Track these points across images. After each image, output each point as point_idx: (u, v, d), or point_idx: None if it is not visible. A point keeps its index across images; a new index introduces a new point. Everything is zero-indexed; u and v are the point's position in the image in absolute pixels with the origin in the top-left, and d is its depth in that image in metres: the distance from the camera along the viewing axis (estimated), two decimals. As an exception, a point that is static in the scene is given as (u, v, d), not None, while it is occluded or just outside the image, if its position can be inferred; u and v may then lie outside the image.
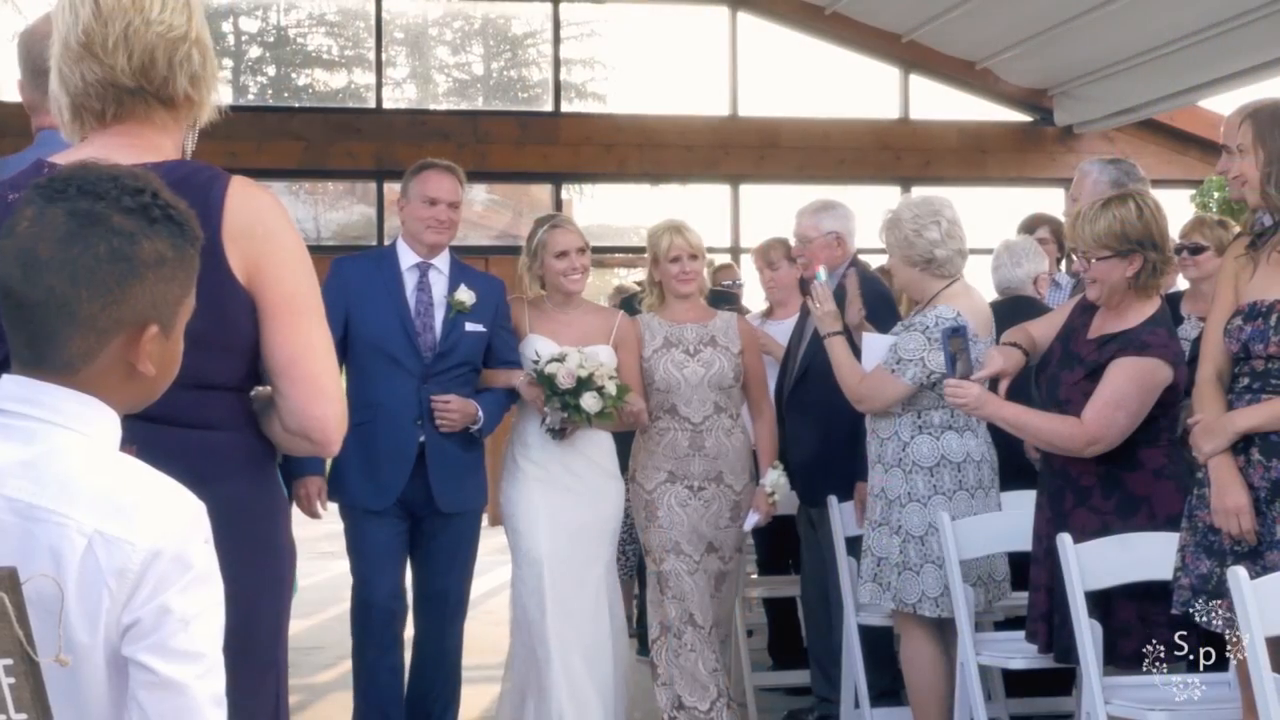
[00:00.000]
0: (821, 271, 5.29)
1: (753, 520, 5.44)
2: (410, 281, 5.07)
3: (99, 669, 1.67)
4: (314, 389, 2.24)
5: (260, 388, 2.36)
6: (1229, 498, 3.59)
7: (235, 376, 2.28)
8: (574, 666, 5.10)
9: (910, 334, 4.80)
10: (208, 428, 2.24)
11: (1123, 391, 4.15)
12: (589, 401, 5.05)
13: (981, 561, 4.81)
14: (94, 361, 1.73)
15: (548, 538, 5.16)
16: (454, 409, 4.96)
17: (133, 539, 1.65)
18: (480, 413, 5.02)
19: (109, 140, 2.26)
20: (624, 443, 5.60)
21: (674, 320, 5.51)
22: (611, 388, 5.10)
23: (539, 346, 5.22)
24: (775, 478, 5.40)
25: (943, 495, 4.76)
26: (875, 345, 4.95)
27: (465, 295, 5.04)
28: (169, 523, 1.68)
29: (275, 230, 2.26)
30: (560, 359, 5.08)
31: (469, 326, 5.05)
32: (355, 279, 5.08)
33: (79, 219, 1.71)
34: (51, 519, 1.66)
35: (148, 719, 1.66)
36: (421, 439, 4.96)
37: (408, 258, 5.10)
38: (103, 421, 1.75)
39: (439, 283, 5.09)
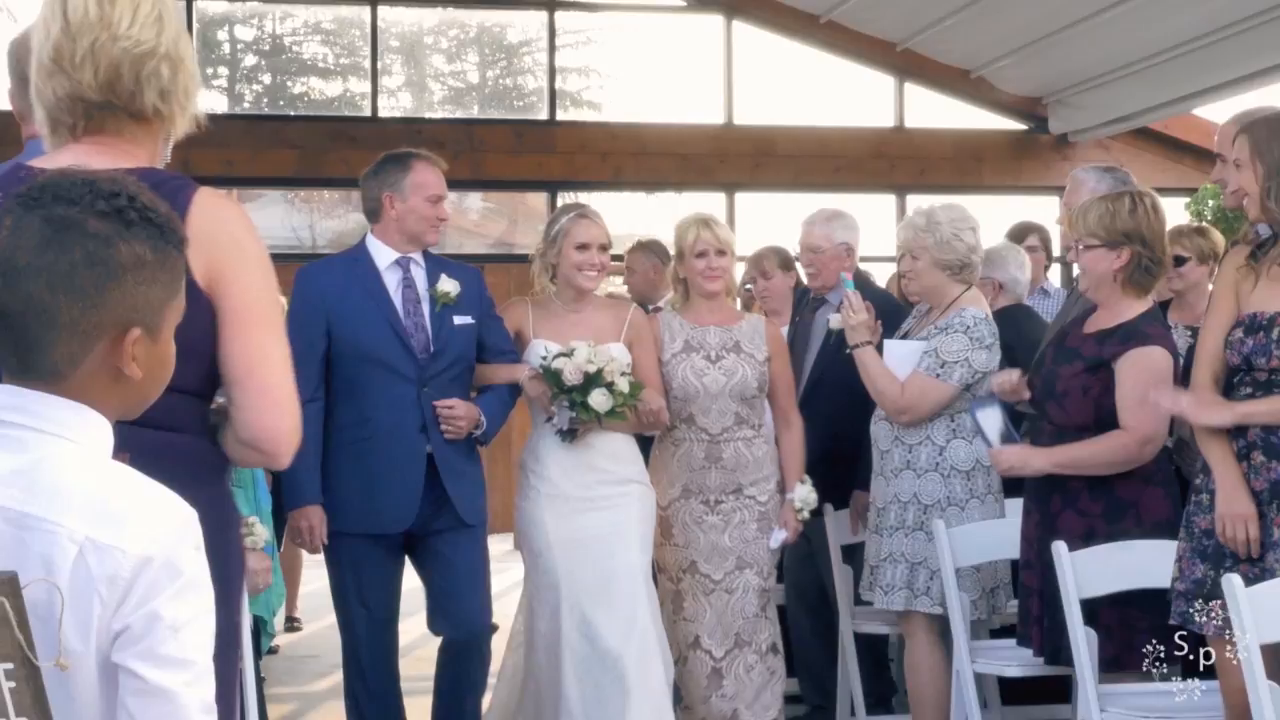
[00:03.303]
0: (849, 280, 5.19)
1: (779, 537, 5.12)
2: (392, 280, 4.69)
3: (91, 676, 1.67)
4: (268, 400, 2.24)
5: (219, 399, 2.35)
6: (1236, 505, 3.59)
7: (197, 381, 2.28)
8: (591, 696, 4.73)
9: (950, 336, 4.83)
10: (173, 430, 2.24)
11: (1145, 384, 4.15)
12: (598, 399, 4.71)
13: (1001, 566, 4.84)
14: (79, 366, 1.74)
15: (563, 556, 4.83)
16: (460, 414, 4.61)
17: (124, 546, 1.65)
18: (483, 416, 4.69)
19: (81, 149, 2.28)
20: (646, 448, 5.25)
21: (697, 322, 5.18)
22: (623, 384, 4.76)
23: (544, 351, 4.86)
24: (804, 493, 5.10)
25: (977, 499, 4.81)
26: (900, 353, 4.94)
27: (449, 285, 4.67)
28: (159, 529, 1.68)
29: (239, 239, 2.26)
30: (568, 353, 4.75)
31: (457, 320, 4.69)
32: (331, 286, 4.66)
33: (54, 225, 1.72)
34: (43, 527, 1.66)
35: None
36: (428, 449, 4.60)
37: (385, 255, 4.70)
38: (94, 428, 1.76)
39: (420, 277, 4.72)
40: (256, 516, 4.52)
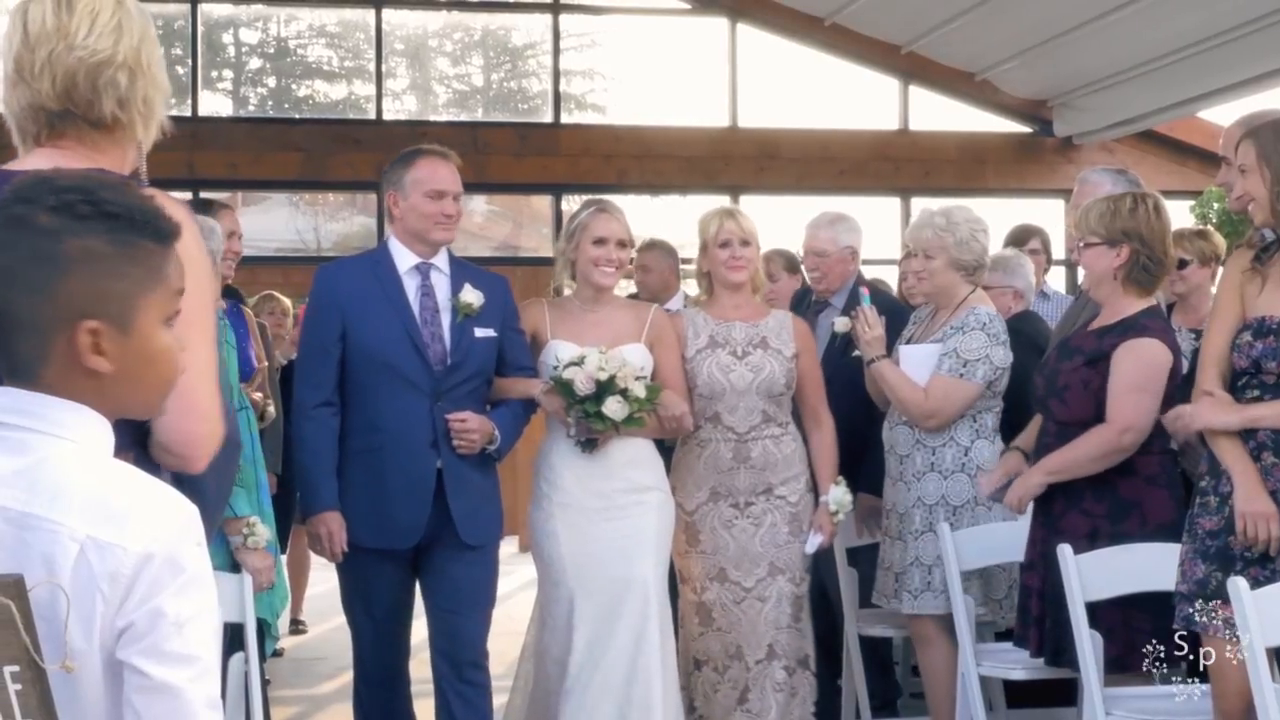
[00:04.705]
0: (866, 295, 5.17)
1: (815, 542, 4.94)
2: (411, 285, 4.52)
3: (95, 674, 1.68)
4: (188, 404, 2.23)
5: None
6: (1258, 503, 3.58)
7: None
8: (601, 711, 4.58)
9: (968, 335, 4.86)
10: None
11: (1136, 375, 4.18)
12: (612, 407, 4.54)
13: (1013, 566, 4.85)
14: (49, 363, 1.74)
15: (575, 569, 4.67)
16: (473, 428, 4.44)
17: (124, 543, 1.65)
18: (497, 431, 4.51)
19: (44, 153, 2.30)
20: (667, 455, 5.09)
21: (721, 317, 5.02)
22: (638, 389, 4.58)
23: (560, 352, 4.71)
24: (839, 495, 4.92)
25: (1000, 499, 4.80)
26: (916, 358, 4.94)
27: (472, 296, 4.50)
28: (160, 526, 1.68)
29: (184, 241, 2.25)
30: (578, 362, 4.58)
31: (479, 332, 4.51)
32: (348, 287, 4.53)
33: (6, 224, 1.74)
34: (44, 526, 1.67)
35: None
36: (438, 464, 4.45)
37: (405, 259, 4.54)
38: (91, 427, 1.76)
39: (442, 284, 4.55)
40: (258, 516, 4.46)
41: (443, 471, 4.46)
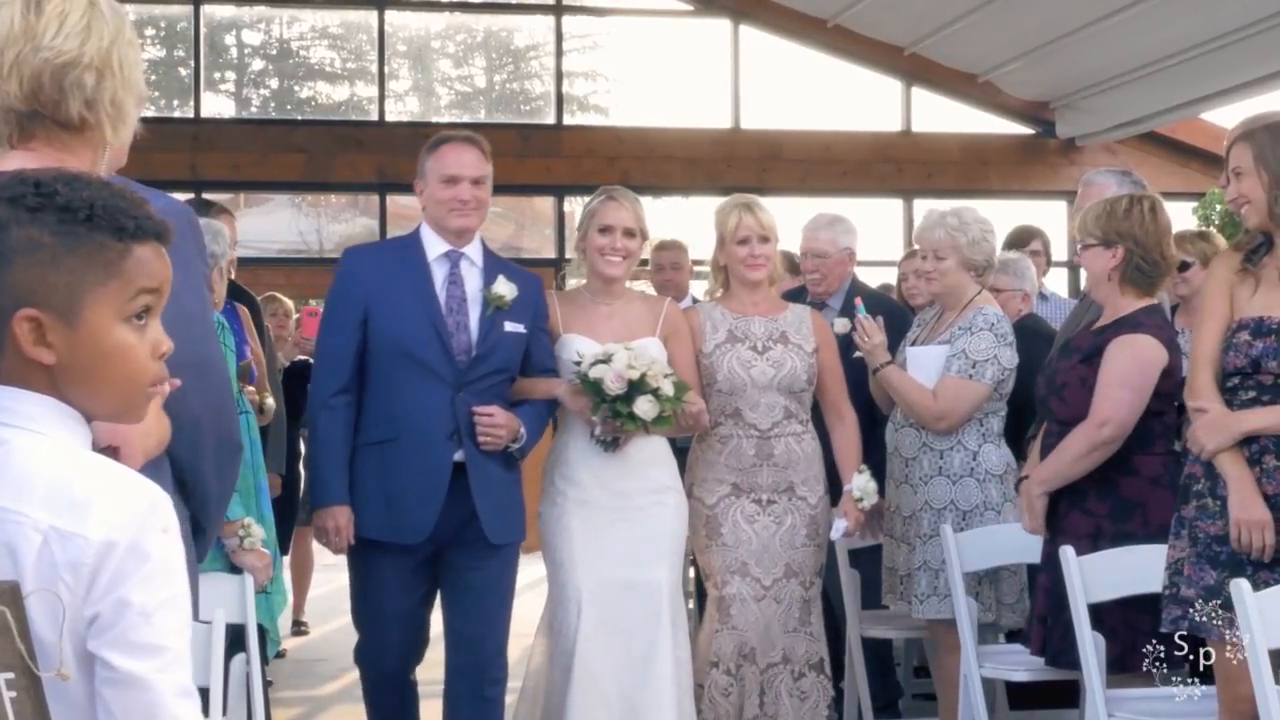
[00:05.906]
0: (861, 305, 5.14)
1: (840, 529, 4.86)
2: (439, 274, 4.40)
3: (69, 666, 1.67)
4: None
5: None
6: (1254, 511, 3.57)
7: None
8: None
9: (977, 335, 4.87)
10: None
11: (1123, 371, 4.20)
12: (644, 407, 4.40)
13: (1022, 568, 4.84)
14: (4, 355, 1.74)
15: (588, 574, 4.54)
16: (500, 424, 4.32)
17: (86, 532, 1.65)
18: (522, 429, 4.39)
19: (17, 156, 2.31)
20: (681, 453, 4.99)
21: (740, 312, 4.92)
22: (668, 387, 4.46)
23: (579, 347, 4.57)
24: (863, 482, 4.83)
25: (1010, 503, 4.82)
26: (924, 359, 4.94)
27: (505, 289, 4.37)
28: (121, 514, 1.67)
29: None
30: (606, 359, 4.43)
31: (508, 326, 4.39)
32: (373, 273, 4.42)
33: None
34: (8, 517, 1.66)
35: (113, 716, 1.65)
36: (458, 457, 4.32)
37: (435, 247, 4.42)
38: (61, 421, 1.76)
39: (472, 275, 4.43)
40: (252, 518, 4.44)
41: (466, 466, 4.33)
